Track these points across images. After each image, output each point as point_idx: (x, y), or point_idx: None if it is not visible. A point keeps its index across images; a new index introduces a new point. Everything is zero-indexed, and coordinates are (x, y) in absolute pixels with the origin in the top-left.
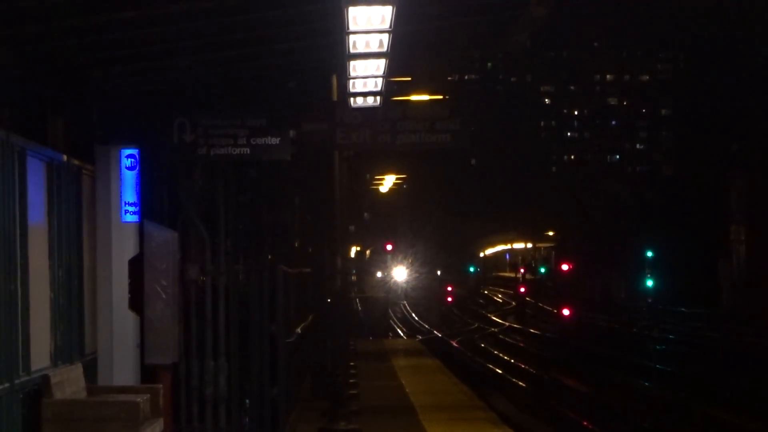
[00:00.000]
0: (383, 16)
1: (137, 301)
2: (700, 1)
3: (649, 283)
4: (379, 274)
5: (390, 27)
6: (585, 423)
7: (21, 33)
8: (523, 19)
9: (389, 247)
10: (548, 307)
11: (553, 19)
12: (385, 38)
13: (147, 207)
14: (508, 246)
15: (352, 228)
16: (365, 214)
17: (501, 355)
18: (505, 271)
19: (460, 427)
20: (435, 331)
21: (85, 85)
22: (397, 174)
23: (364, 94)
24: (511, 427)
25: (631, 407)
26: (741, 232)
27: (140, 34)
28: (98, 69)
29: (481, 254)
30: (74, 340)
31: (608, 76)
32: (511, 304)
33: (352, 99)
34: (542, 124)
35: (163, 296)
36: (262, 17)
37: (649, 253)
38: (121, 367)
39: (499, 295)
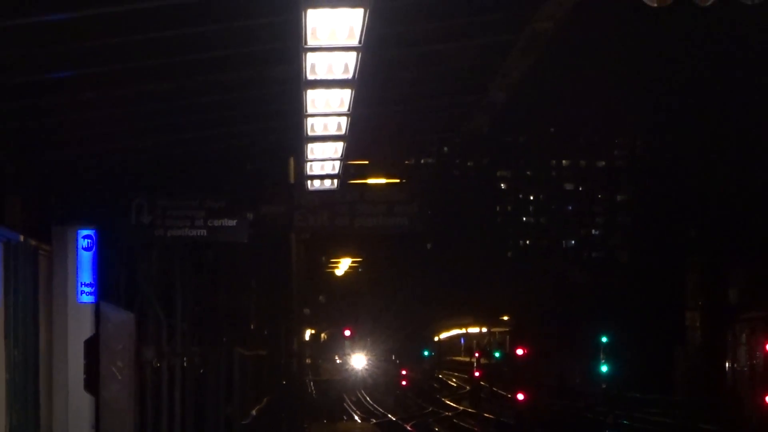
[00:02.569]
0: (342, 99)
1: (93, 382)
2: (656, 86)
3: (604, 368)
4: (337, 360)
5: (348, 110)
6: None
7: None
8: (483, 104)
9: (347, 332)
10: (503, 392)
11: (510, 104)
12: (344, 121)
13: (104, 288)
14: (463, 330)
15: (307, 311)
16: (320, 297)
17: None
18: (460, 355)
19: None
20: (389, 415)
21: (42, 165)
22: (353, 257)
23: (322, 177)
24: None
25: None
26: (696, 318)
27: (98, 116)
28: (55, 150)
29: (436, 338)
30: (30, 420)
31: (564, 162)
32: (465, 388)
33: (309, 181)
34: (498, 208)
35: (119, 377)
36: (221, 100)
37: (604, 339)
38: None
39: (454, 379)
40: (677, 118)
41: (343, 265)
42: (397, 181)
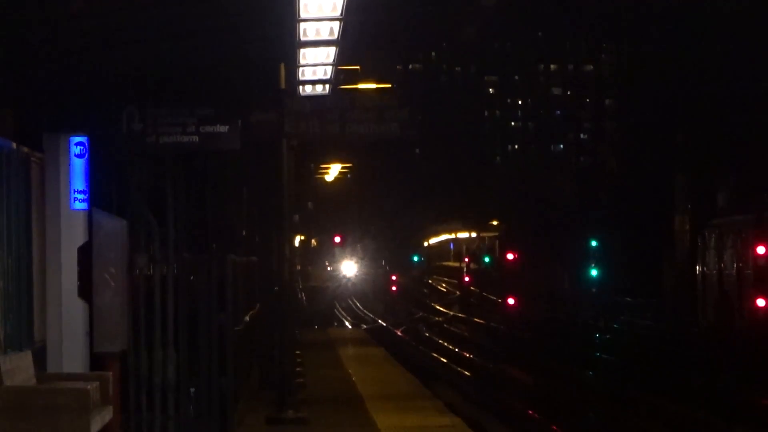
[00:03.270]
0: (335, 3)
1: (86, 290)
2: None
3: (593, 273)
4: (327, 267)
5: (341, 14)
6: (530, 413)
7: None
8: (474, 9)
9: (338, 239)
10: (493, 297)
11: (497, 9)
12: (336, 26)
13: (96, 195)
14: (453, 236)
15: (296, 217)
16: (309, 204)
17: (446, 344)
18: (450, 261)
19: (407, 416)
20: (380, 321)
21: (34, 74)
22: (342, 163)
23: (314, 82)
24: (457, 415)
25: (576, 397)
26: (685, 222)
27: (89, 26)
28: (47, 60)
29: (426, 244)
30: (24, 328)
31: (552, 66)
32: (455, 293)
33: (301, 87)
34: (486, 114)
35: (112, 285)
36: (212, 7)
37: (593, 243)
38: (71, 355)
39: (444, 285)
40: (665, 21)
41: (332, 171)
42: (388, 86)
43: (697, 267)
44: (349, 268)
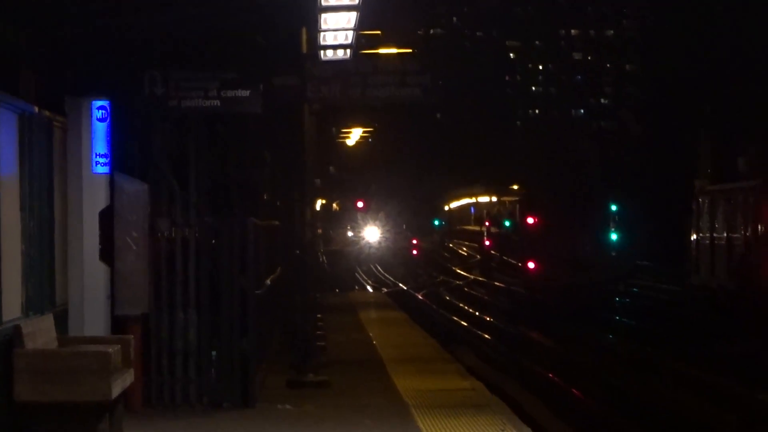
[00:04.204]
0: None
1: (108, 253)
2: None
3: (614, 236)
4: (349, 233)
5: None
6: (551, 376)
7: None
8: None
9: (360, 204)
10: (513, 261)
11: None
12: None
13: (118, 159)
14: (473, 200)
15: (318, 181)
16: (331, 168)
17: (466, 308)
18: (470, 225)
19: (428, 379)
20: (400, 284)
21: (56, 38)
22: (364, 128)
23: (335, 47)
24: (478, 379)
25: (596, 361)
26: (705, 185)
27: None
28: (69, 23)
29: (446, 208)
30: (45, 291)
31: (573, 31)
32: (475, 257)
33: (322, 52)
34: (507, 78)
35: (134, 248)
36: None
37: (614, 207)
38: (92, 319)
39: (464, 249)
40: None
41: (354, 136)
42: (409, 51)
43: (692, 232)
44: (371, 233)
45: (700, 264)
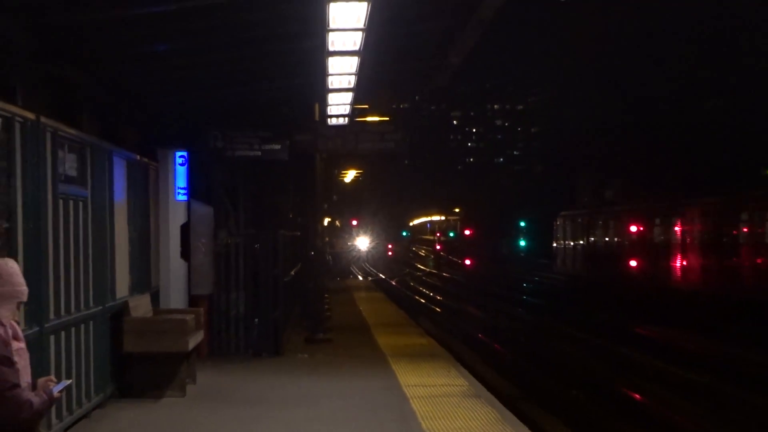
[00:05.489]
0: (351, 64)
1: (186, 253)
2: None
3: (522, 243)
4: (347, 240)
5: (356, 71)
6: (480, 336)
7: (96, 63)
8: (443, 66)
9: (354, 222)
10: (456, 259)
11: (461, 66)
12: (353, 78)
13: (192, 190)
14: (429, 218)
15: (325, 206)
16: (334, 197)
17: (424, 290)
18: (427, 235)
19: (398, 337)
20: (381, 275)
21: (150, 106)
22: (356, 170)
23: (337, 116)
24: (432, 338)
25: (511, 326)
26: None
27: (188, 74)
28: (157, 97)
29: (411, 224)
30: (144, 278)
31: (496, 106)
32: (430, 257)
33: (328, 119)
34: (451, 137)
35: (203, 250)
36: (268, 66)
37: (522, 223)
38: (175, 297)
39: (423, 251)
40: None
41: (350, 175)
42: (386, 118)
43: (554, 243)
44: (362, 242)
45: (557, 259)
